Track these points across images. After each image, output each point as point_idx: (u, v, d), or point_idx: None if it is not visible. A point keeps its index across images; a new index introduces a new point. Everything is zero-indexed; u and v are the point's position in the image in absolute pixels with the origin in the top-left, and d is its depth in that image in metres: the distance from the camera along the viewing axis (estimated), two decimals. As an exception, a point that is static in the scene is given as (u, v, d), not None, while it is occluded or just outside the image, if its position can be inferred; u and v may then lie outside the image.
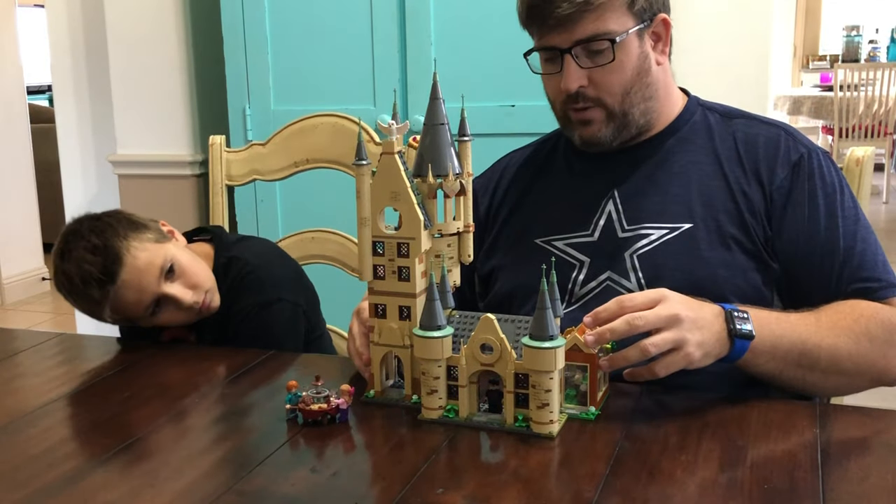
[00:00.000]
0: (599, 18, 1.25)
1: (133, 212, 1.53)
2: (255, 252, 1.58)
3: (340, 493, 0.93)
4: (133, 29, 3.08)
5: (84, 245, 1.40)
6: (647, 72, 1.31)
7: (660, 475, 0.94)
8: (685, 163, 1.34)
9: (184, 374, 1.37)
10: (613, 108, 1.31)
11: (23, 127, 4.63)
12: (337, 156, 1.80)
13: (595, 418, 1.07)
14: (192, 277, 1.45)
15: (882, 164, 6.36)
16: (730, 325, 1.10)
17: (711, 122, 1.37)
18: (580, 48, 1.27)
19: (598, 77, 1.29)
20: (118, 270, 1.39)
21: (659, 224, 1.30)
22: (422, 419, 1.08)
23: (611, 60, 1.27)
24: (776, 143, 1.32)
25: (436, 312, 1.05)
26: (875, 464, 0.99)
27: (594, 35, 1.26)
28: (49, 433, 1.15)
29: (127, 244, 1.40)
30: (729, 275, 1.25)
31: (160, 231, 1.49)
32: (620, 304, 1.07)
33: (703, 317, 1.09)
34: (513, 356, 1.03)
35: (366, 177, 1.10)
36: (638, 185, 1.34)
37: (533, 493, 0.91)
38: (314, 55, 2.77)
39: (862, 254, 1.25)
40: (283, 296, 1.52)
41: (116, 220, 1.45)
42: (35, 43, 6.65)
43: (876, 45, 7.28)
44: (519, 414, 1.04)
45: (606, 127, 1.32)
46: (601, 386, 1.10)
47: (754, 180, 1.30)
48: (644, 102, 1.32)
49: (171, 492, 0.95)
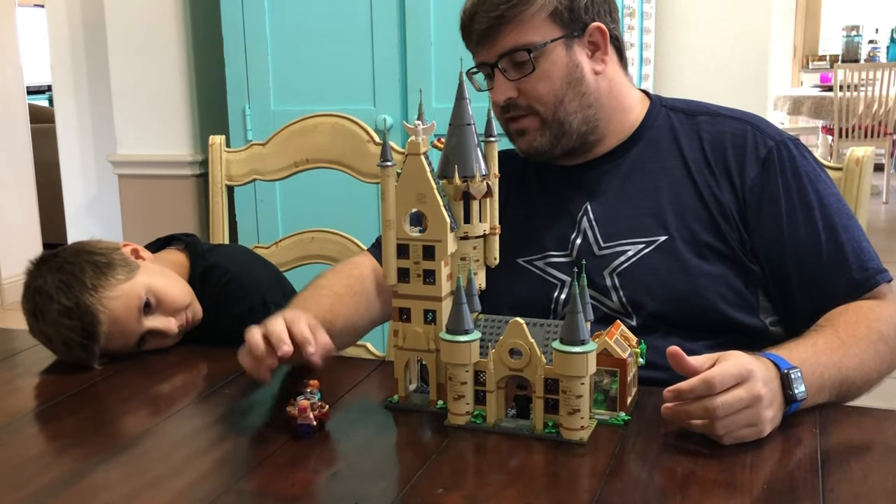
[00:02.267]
0: (517, 31, 1.28)
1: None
2: (232, 259, 1.56)
3: (340, 493, 0.93)
4: (133, 29, 3.08)
5: (56, 308, 1.34)
6: (579, 81, 1.31)
7: (660, 475, 0.94)
8: (653, 171, 1.33)
9: (184, 374, 1.37)
10: (546, 116, 1.31)
11: (23, 127, 4.63)
12: (337, 156, 1.80)
13: (625, 424, 1.05)
14: (170, 304, 1.41)
15: (882, 164, 6.36)
16: (787, 391, 1.04)
17: (675, 124, 1.36)
18: (506, 61, 1.30)
19: (527, 87, 1.30)
20: (98, 329, 1.34)
21: (634, 239, 1.30)
22: (448, 425, 1.06)
23: (532, 71, 1.29)
24: (743, 140, 1.31)
25: (463, 316, 1.04)
26: (875, 464, 0.99)
27: (514, 47, 1.28)
28: (49, 433, 1.15)
29: (98, 297, 1.34)
30: (710, 283, 1.25)
31: (126, 262, 1.42)
32: (708, 386, 0.97)
33: (774, 388, 1.02)
34: (542, 361, 1.01)
35: (391, 178, 1.08)
36: (609, 199, 1.34)
37: (533, 492, 0.91)
38: (314, 55, 2.77)
39: (845, 242, 1.24)
40: (267, 298, 1.51)
41: (80, 268, 1.37)
42: (35, 43, 6.65)
43: (876, 45, 7.28)
44: (549, 420, 1.03)
45: (542, 135, 1.32)
46: (630, 390, 1.08)
47: (725, 182, 1.29)
48: (582, 111, 1.32)
49: (171, 492, 0.95)
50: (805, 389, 1.05)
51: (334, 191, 2.56)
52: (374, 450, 1.07)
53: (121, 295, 1.36)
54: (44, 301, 1.35)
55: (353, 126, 1.78)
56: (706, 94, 1.42)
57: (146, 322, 1.38)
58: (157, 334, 1.40)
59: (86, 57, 3.44)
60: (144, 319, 1.38)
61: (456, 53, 1.26)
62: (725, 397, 0.97)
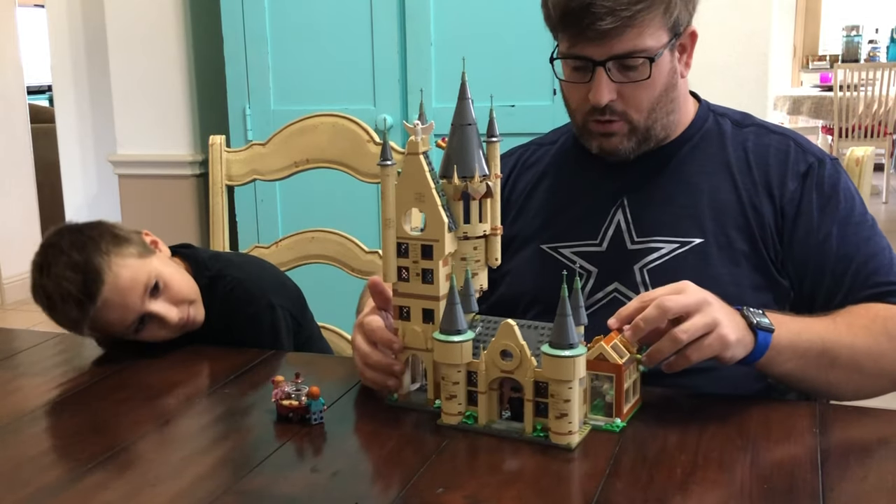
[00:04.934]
0: (639, 34, 1.21)
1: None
2: (235, 266, 1.56)
3: (340, 493, 0.93)
4: (133, 29, 3.08)
5: (64, 261, 1.34)
6: (673, 86, 1.28)
7: (660, 475, 0.94)
8: (696, 173, 1.32)
9: (184, 374, 1.37)
10: (638, 123, 1.27)
11: (23, 127, 4.63)
12: (337, 156, 1.80)
13: (620, 431, 1.04)
14: (177, 292, 1.42)
15: (882, 164, 6.36)
16: (748, 319, 1.08)
17: (724, 130, 1.35)
18: (614, 62, 1.22)
19: (629, 92, 1.25)
20: (99, 289, 1.34)
21: (669, 237, 1.28)
22: (440, 424, 1.07)
23: (646, 77, 1.23)
24: (786, 155, 1.30)
25: (457, 316, 1.03)
26: (875, 464, 1.00)
27: (632, 51, 1.21)
28: (49, 433, 1.15)
29: (109, 261, 1.35)
30: (739, 292, 1.22)
31: (144, 244, 1.44)
32: (641, 300, 1.05)
33: (725, 306, 1.07)
34: (532, 364, 1.01)
35: (390, 178, 1.08)
36: (648, 195, 1.32)
37: (533, 492, 0.91)
38: (314, 55, 2.77)
39: (876, 260, 1.24)
40: (274, 301, 1.51)
41: (99, 233, 1.39)
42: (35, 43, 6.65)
43: (876, 45, 7.27)
44: (538, 423, 1.02)
45: (628, 141, 1.29)
46: (630, 398, 1.07)
47: (765, 193, 1.28)
48: (667, 117, 1.29)
49: (171, 492, 0.95)
50: (770, 322, 1.08)
51: (334, 191, 2.57)
52: (374, 450, 1.07)
53: (131, 267, 1.37)
54: (55, 254, 1.36)
55: (353, 126, 1.78)
56: (706, 94, 1.41)
57: (149, 303, 1.38)
58: (156, 320, 1.40)
59: (86, 57, 3.44)
60: (148, 300, 1.38)
61: (456, 53, 1.26)
62: (674, 296, 1.03)
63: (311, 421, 1.08)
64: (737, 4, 2.59)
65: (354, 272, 1.78)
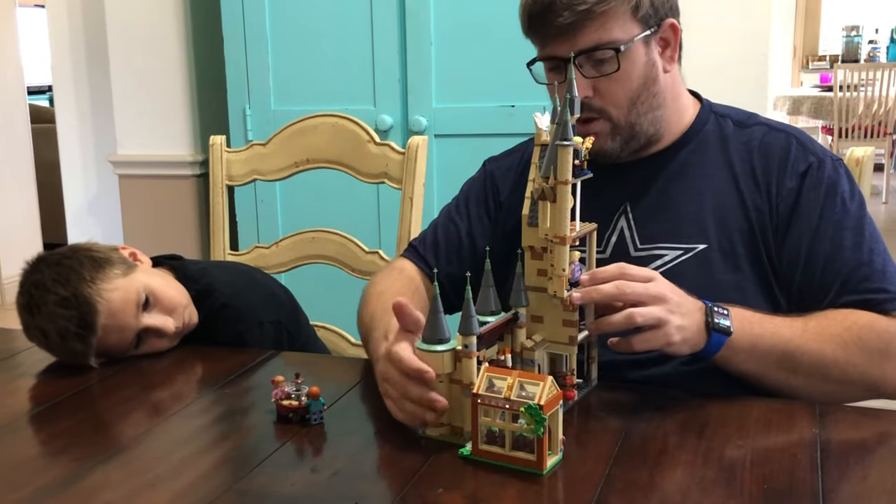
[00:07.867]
0: (603, 27, 1.21)
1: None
2: (224, 281, 1.53)
3: (340, 493, 0.93)
4: (133, 29, 3.08)
5: (53, 299, 1.33)
6: (654, 80, 1.27)
7: (660, 475, 0.94)
8: (699, 176, 1.31)
9: (184, 374, 1.37)
10: (619, 120, 1.27)
11: (23, 127, 4.63)
12: (337, 156, 1.80)
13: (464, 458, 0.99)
14: (168, 301, 1.41)
15: (882, 164, 6.36)
16: (708, 318, 1.10)
17: (726, 132, 1.34)
18: (584, 57, 1.23)
19: (604, 87, 1.25)
20: (95, 320, 1.33)
21: (673, 244, 1.28)
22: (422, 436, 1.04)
23: (616, 70, 1.23)
24: (787, 153, 1.29)
25: (440, 325, 1.02)
26: (875, 464, 1.00)
27: (597, 44, 1.22)
28: (48, 433, 1.15)
29: (97, 289, 1.34)
30: (740, 298, 1.21)
31: (124, 260, 1.42)
32: (621, 270, 1.09)
33: (686, 305, 1.10)
34: None
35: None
36: (651, 201, 1.31)
37: (533, 492, 0.91)
38: (314, 55, 2.77)
39: (869, 265, 1.22)
40: (262, 319, 1.49)
41: (78, 262, 1.37)
42: (35, 43, 6.65)
43: (876, 45, 7.28)
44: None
45: (612, 140, 1.28)
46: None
47: (765, 192, 1.27)
48: (652, 112, 1.28)
49: (171, 492, 0.95)
50: (730, 325, 1.11)
51: (334, 191, 2.57)
52: (374, 450, 1.07)
53: (119, 288, 1.36)
54: (40, 293, 1.34)
55: (353, 126, 1.78)
56: (706, 94, 1.41)
57: (144, 319, 1.37)
58: (155, 333, 1.39)
59: (86, 57, 3.44)
60: (142, 316, 1.37)
61: (456, 53, 1.26)
62: (635, 283, 1.07)
63: (311, 421, 1.08)
64: (737, 4, 2.59)
65: (354, 272, 1.78)
